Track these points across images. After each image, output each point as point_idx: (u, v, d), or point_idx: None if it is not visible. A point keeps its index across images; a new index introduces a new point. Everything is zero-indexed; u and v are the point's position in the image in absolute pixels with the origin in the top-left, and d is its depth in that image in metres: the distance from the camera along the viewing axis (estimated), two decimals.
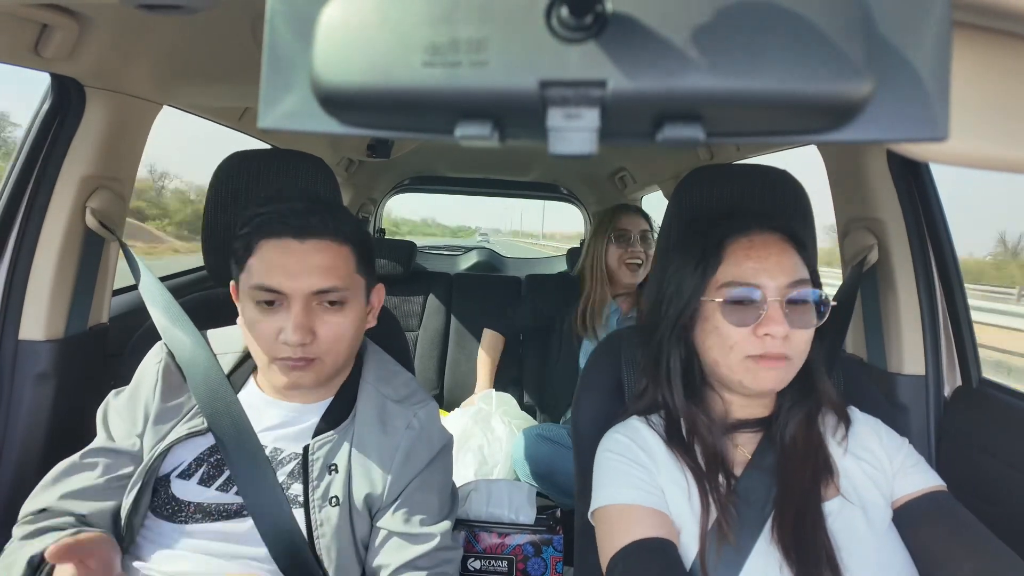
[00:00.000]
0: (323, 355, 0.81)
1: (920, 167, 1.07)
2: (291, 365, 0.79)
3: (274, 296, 0.78)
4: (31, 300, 1.03)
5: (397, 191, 3.49)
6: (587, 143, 0.23)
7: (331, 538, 0.81)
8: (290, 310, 0.78)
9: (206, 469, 0.83)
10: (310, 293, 0.78)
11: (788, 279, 0.72)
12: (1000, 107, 0.30)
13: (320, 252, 0.79)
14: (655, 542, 0.68)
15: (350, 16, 0.23)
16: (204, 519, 0.80)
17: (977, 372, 1.07)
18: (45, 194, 1.02)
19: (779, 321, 0.70)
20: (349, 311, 0.82)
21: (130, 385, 0.89)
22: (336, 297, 0.80)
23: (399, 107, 0.24)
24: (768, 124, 0.25)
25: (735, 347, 0.72)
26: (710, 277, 0.74)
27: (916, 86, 0.23)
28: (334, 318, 0.81)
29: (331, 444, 0.84)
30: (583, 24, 0.22)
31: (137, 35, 0.94)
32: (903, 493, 0.75)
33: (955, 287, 1.08)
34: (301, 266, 0.78)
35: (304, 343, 0.78)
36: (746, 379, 0.73)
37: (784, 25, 0.22)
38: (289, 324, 0.77)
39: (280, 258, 0.78)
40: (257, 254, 0.79)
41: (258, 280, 0.78)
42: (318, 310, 0.80)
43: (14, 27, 0.80)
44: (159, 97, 1.15)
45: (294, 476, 0.83)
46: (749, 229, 0.75)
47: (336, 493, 0.82)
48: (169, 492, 0.81)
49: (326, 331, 0.80)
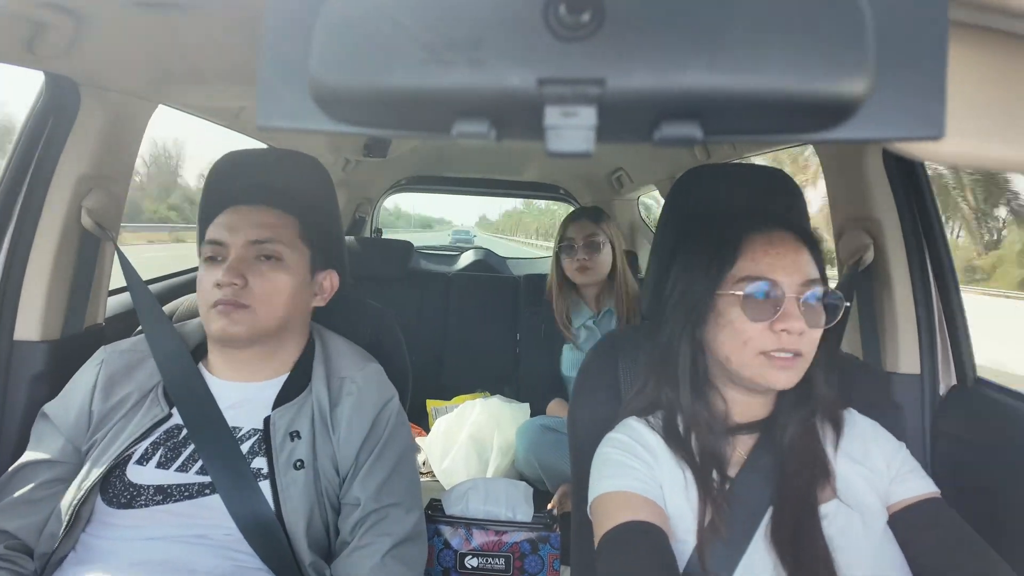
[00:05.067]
0: (256, 305, 0.85)
1: (916, 167, 1.07)
2: (222, 309, 0.84)
3: (216, 249, 0.87)
4: (26, 300, 1.02)
5: (394, 191, 3.49)
6: (584, 141, 0.23)
7: (298, 501, 0.83)
8: (227, 260, 0.86)
9: (163, 452, 0.84)
10: (246, 242, 0.87)
11: (803, 277, 0.72)
12: (997, 106, 0.30)
13: (263, 214, 0.90)
14: (643, 525, 0.69)
15: (347, 14, 0.23)
16: (165, 500, 0.81)
17: (972, 371, 1.08)
18: (40, 194, 1.02)
19: (797, 317, 0.70)
20: (284, 269, 0.89)
21: (61, 396, 0.90)
22: (270, 251, 0.88)
23: (396, 106, 0.24)
24: (765, 123, 0.25)
25: (749, 342, 0.72)
26: (727, 272, 0.74)
27: (913, 85, 0.23)
28: (268, 271, 0.87)
29: (291, 414, 0.88)
30: (581, 22, 0.22)
31: (133, 33, 0.93)
32: (898, 499, 0.75)
33: (950, 287, 1.08)
34: (243, 222, 0.88)
35: (235, 283, 0.84)
36: (758, 375, 0.72)
37: (781, 23, 0.22)
38: (224, 267, 0.85)
39: (227, 218, 0.89)
40: (214, 222, 0.90)
41: (208, 236, 0.89)
42: (253, 262, 0.87)
43: (8, 25, 0.79)
44: (154, 96, 1.15)
45: (255, 451, 0.85)
46: (767, 227, 0.75)
47: (300, 456, 0.85)
48: (125, 480, 0.82)
49: (259, 282, 0.86)
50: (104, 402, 0.87)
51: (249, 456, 0.85)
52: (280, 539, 0.81)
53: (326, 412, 0.89)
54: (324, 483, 0.86)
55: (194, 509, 0.81)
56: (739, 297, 0.72)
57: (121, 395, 0.88)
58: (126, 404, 0.87)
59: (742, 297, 0.72)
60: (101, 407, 0.86)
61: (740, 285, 0.73)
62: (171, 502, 0.81)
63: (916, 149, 0.29)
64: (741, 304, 0.72)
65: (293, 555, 0.81)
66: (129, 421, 0.86)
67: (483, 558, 1.31)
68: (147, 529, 0.79)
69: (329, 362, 0.95)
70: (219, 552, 0.79)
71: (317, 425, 0.88)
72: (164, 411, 0.86)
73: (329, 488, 0.87)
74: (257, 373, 0.91)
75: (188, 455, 0.84)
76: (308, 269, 0.93)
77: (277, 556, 0.80)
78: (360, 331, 1.06)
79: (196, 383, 0.88)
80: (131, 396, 0.88)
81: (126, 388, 0.88)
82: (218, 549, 0.80)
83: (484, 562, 1.31)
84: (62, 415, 0.87)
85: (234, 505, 0.81)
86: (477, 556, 1.31)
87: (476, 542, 1.31)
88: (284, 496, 0.82)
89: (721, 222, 0.79)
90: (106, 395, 0.87)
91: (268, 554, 0.80)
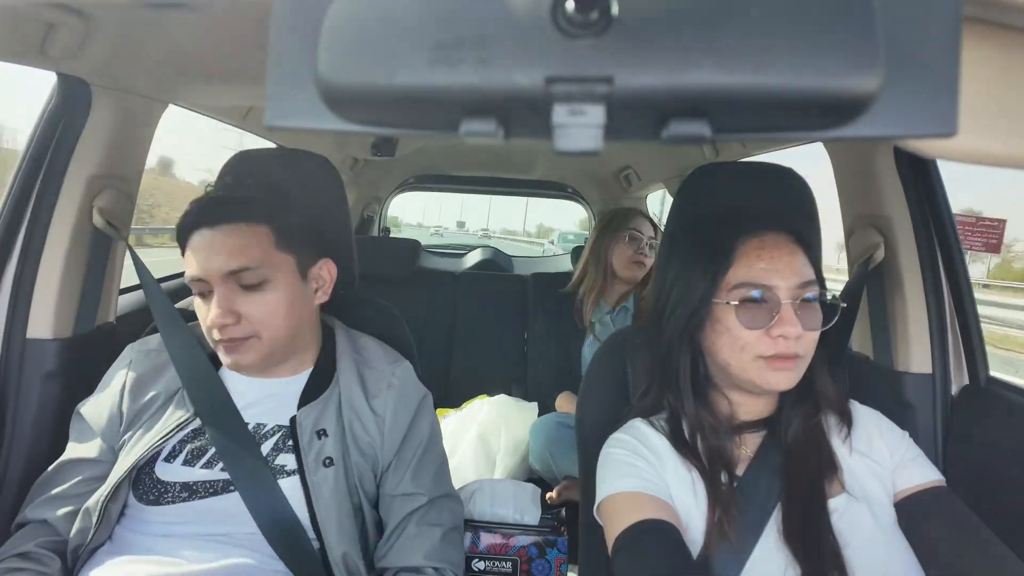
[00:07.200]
0: (257, 330, 0.83)
1: (927, 164, 1.06)
2: (227, 347, 0.82)
3: (200, 285, 0.83)
4: (39, 299, 1.03)
5: (402, 190, 3.49)
6: (592, 140, 0.23)
7: (329, 498, 0.83)
8: (212, 298, 0.82)
9: (190, 449, 0.85)
10: (223, 274, 0.81)
11: (799, 280, 0.71)
12: (1010, 103, 0.29)
13: (230, 235, 0.83)
14: (659, 523, 0.69)
15: (355, 14, 0.23)
16: (190, 497, 0.82)
17: (985, 371, 1.06)
18: (52, 193, 1.03)
19: (793, 322, 0.70)
20: (272, 289, 0.84)
21: (96, 394, 0.91)
22: (251, 278, 0.82)
23: (404, 104, 0.24)
24: (775, 120, 0.25)
25: (747, 348, 0.72)
26: (721, 279, 0.74)
27: (925, 81, 0.23)
28: (257, 297, 0.83)
29: (317, 411, 0.88)
30: (589, 20, 0.22)
31: (143, 34, 0.94)
32: (903, 487, 0.75)
33: (962, 285, 1.07)
34: (212, 250, 0.82)
35: (226, 323, 0.81)
36: (758, 379, 0.72)
37: (791, 20, 0.21)
38: (212, 307, 0.81)
39: (198, 246, 0.83)
40: (187, 248, 0.84)
41: (188, 273, 0.83)
42: (238, 291, 0.82)
43: (20, 26, 0.80)
44: (165, 96, 1.15)
45: (280, 447, 0.86)
46: (759, 230, 0.75)
47: (329, 454, 0.85)
48: (153, 477, 0.83)
49: (251, 310, 0.82)
50: (133, 403, 0.88)
51: (273, 453, 0.85)
52: (301, 537, 0.82)
53: (360, 403, 0.90)
54: (356, 477, 0.87)
55: (219, 505, 0.82)
56: (733, 306, 0.72)
57: (149, 395, 0.89)
58: (154, 404, 0.88)
59: (736, 306, 0.72)
60: (131, 407, 0.88)
61: (734, 293, 0.73)
62: (196, 499, 0.82)
63: (928, 146, 0.29)
64: (736, 312, 0.72)
65: (324, 552, 0.82)
66: (156, 420, 0.87)
67: (490, 561, 1.31)
68: (175, 526, 0.81)
69: (358, 355, 0.96)
70: (242, 549, 0.80)
71: (346, 419, 0.88)
72: (189, 412, 0.86)
73: (363, 481, 0.88)
74: (279, 372, 0.92)
75: (214, 452, 0.85)
76: (296, 274, 0.88)
77: (298, 554, 0.81)
78: (368, 330, 1.06)
79: (213, 384, 0.88)
80: (159, 397, 0.89)
81: (154, 389, 0.89)
82: (241, 547, 0.81)
83: (491, 565, 1.31)
84: (95, 416, 0.89)
85: (253, 503, 0.81)
86: (484, 559, 1.31)
87: (483, 545, 1.31)
88: (316, 494, 0.83)
89: (713, 226, 0.79)
90: (135, 396, 0.88)
91: (287, 552, 0.81)
